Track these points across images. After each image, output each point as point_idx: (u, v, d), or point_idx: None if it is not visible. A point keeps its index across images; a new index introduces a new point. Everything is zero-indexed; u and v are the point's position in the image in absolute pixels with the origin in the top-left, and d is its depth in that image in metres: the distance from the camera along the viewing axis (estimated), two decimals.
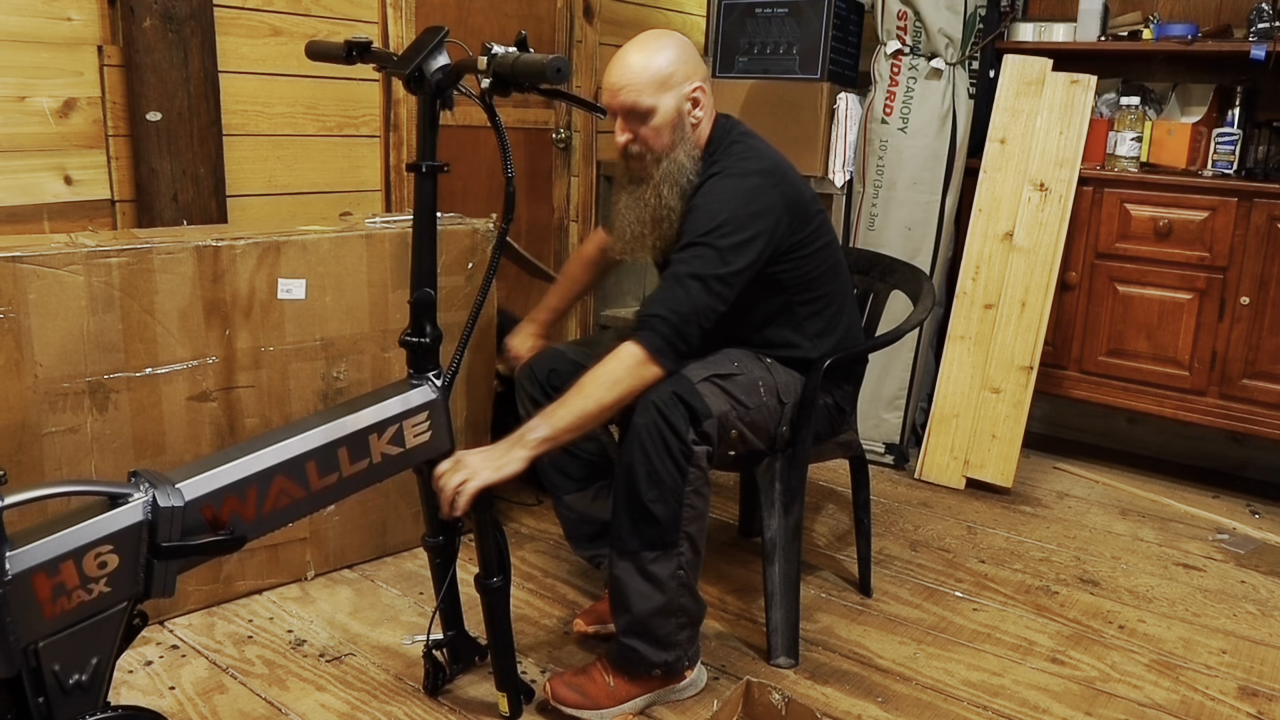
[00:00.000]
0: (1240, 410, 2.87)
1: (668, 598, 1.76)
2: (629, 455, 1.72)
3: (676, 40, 1.87)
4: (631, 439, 1.71)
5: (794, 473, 2.00)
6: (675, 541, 1.74)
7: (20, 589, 1.19)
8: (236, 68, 2.49)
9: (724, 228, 1.79)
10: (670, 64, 1.83)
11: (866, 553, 2.32)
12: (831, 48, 3.24)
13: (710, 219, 1.80)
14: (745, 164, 1.87)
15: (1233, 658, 2.12)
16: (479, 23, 3.17)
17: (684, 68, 1.85)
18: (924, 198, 3.10)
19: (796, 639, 2.03)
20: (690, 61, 1.86)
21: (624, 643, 1.80)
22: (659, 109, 1.82)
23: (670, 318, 1.74)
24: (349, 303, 2.21)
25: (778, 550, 2.00)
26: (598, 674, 1.82)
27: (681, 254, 1.81)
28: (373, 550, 2.39)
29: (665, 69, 1.82)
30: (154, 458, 1.99)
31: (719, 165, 1.88)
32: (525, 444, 1.66)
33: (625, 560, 1.75)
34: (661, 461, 1.70)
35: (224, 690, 1.85)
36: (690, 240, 1.81)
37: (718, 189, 1.84)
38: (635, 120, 1.84)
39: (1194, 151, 2.99)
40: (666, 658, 1.80)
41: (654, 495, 1.70)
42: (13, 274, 1.77)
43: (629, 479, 1.72)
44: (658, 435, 1.69)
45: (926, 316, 2.19)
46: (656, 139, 1.85)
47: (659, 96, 1.82)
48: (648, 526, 1.72)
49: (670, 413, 1.70)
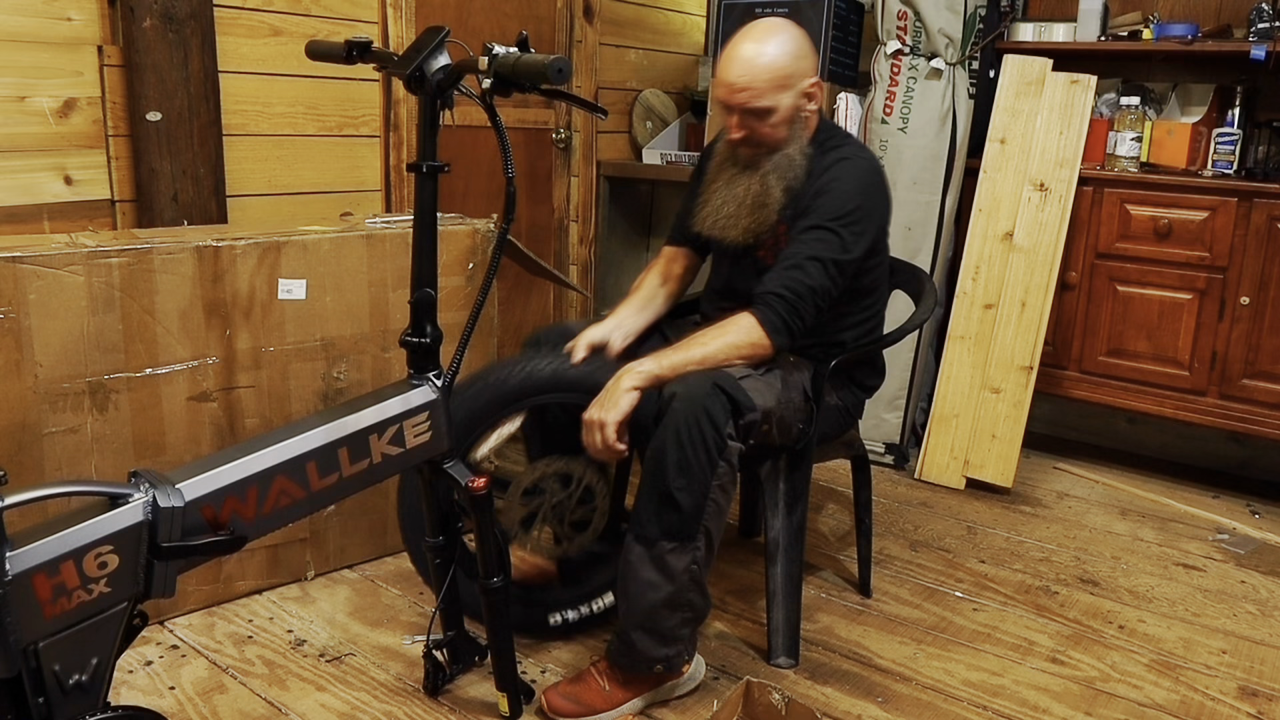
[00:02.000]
0: (1240, 410, 2.87)
1: (676, 590, 1.73)
2: (661, 441, 1.69)
3: (793, 33, 1.85)
4: (667, 425, 1.69)
5: (798, 473, 2.01)
6: (694, 534, 1.72)
7: (20, 589, 1.19)
8: (236, 68, 2.49)
9: (850, 215, 1.84)
10: (790, 61, 1.82)
11: (867, 553, 2.32)
12: (831, 48, 3.23)
13: (838, 205, 1.83)
14: (865, 161, 1.91)
15: (1233, 658, 2.12)
16: (479, 23, 3.17)
17: (802, 63, 1.84)
18: (924, 198, 3.10)
19: (797, 639, 2.03)
20: (807, 55, 1.86)
21: (626, 636, 1.77)
22: (778, 108, 1.83)
23: (789, 296, 1.80)
24: (349, 303, 2.21)
25: (780, 550, 2.00)
26: (593, 680, 1.81)
27: (805, 236, 1.84)
28: (373, 550, 2.39)
29: (785, 68, 1.81)
30: (154, 458, 1.98)
31: (840, 152, 1.90)
32: (634, 375, 1.75)
33: (641, 547, 1.73)
34: (694, 451, 1.68)
35: (224, 690, 1.85)
36: (816, 223, 1.83)
37: (845, 176, 1.87)
38: (753, 118, 1.84)
39: (1194, 151, 2.99)
40: (668, 653, 1.78)
41: (681, 484, 1.68)
42: (13, 274, 1.77)
43: (658, 465, 1.69)
44: (694, 424, 1.67)
45: (928, 317, 2.20)
46: (772, 135, 1.86)
47: (778, 96, 1.82)
48: (670, 514, 1.70)
49: (711, 404, 1.69)
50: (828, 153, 1.91)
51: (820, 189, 1.87)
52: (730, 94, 1.83)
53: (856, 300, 2.01)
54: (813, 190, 1.88)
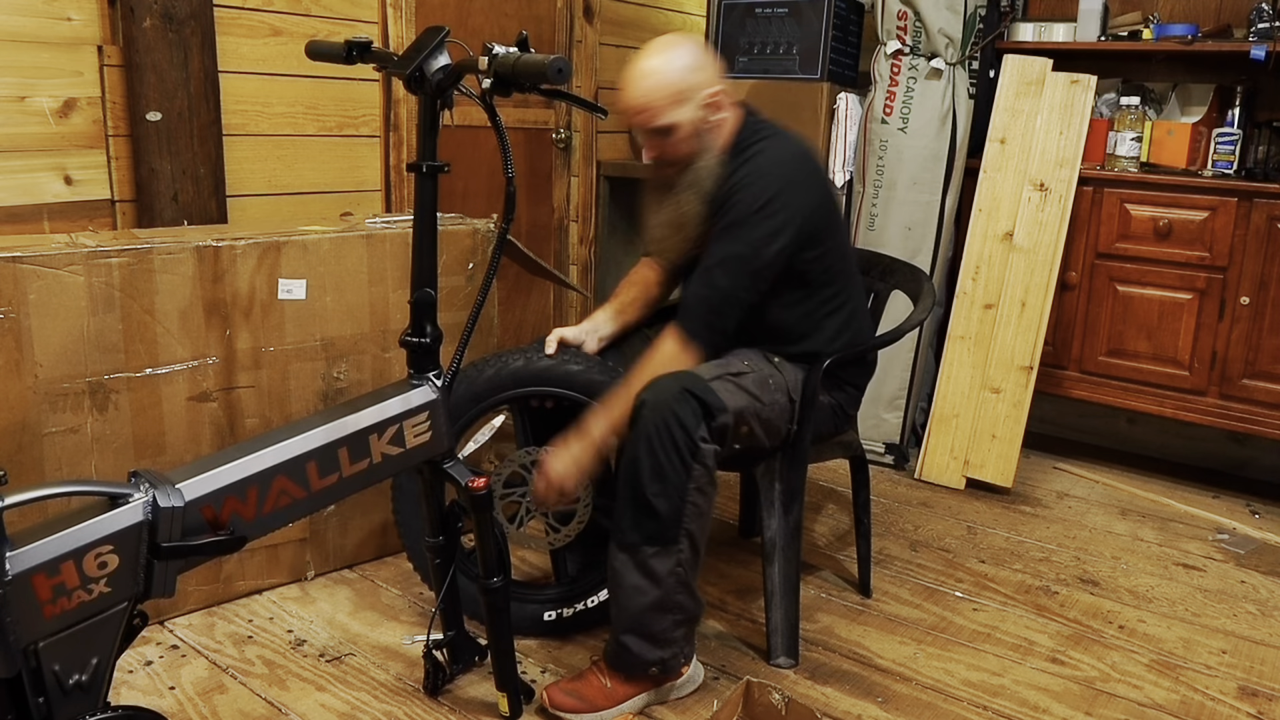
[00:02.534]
0: (1240, 410, 2.87)
1: (664, 593, 1.75)
2: (634, 449, 1.71)
3: (685, 48, 1.84)
4: (638, 432, 1.71)
5: (794, 472, 2.00)
6: (676, 538, 1.74)
7: (20, 589, 1.19)
8: (236, 68, 2.49)
9: (764, 209, 1.83)
10: (682, 76, 1.81)
11: (866, 553, 2.32)
12: (831, 48, 3.24)
13: (749, 202, 1.83)
14: (777, 153, 1.89)
15: (1233, 658, 2.12)
16: (479, 23, 3.17)
17: (697, 75, 1.83)
18: (924, 198, 3.10)
19: (797, 639, 2.03)
20: (702, 67, 1.85)
21: (620, 640, 1.79)
22: (679, 124, 1.83)
23: (704, 303, 1.82)
24: (349, 303, 2.21)
25: (777, 550, 2.00)
26: (594, 677, 1.82)
27: (718, 238, 1.85)
28: (373, 550, 2.39)
29: (678, 83, 1.81)
30: (154, 458, 1.99)
31: (755, 149, 1.89)
32: (590, 437, 1.80)
33: (624, 554, 1.75)
34: (667, 456, 1.69)
35: (224, 690, 1.85)
36: (728, 223, 1.84)
37: (756, 171, 1.86)
38: (658, 137, 1.85)
39: (1194, 151, 2.99)
40: (662, 655, 1.80)
41: (657, 490, 1.70)
42: (13, 274, 1.77)
43: (633, 472, 1.71)
44: (665, 430, 1.69)
45: (927, 316, 2.20)
46: (680, 150, 1.87)
47: (677, 112, 1.82)
48: (649, 521, 1.71)
49: (680, 408, 1.69)
50: (742, 152, 1.89)
51: (731, 188, 1.86)
52: (631, 117, 1.85)
53: (813, 294, 1.96)
54: (725, 190, 1.87)
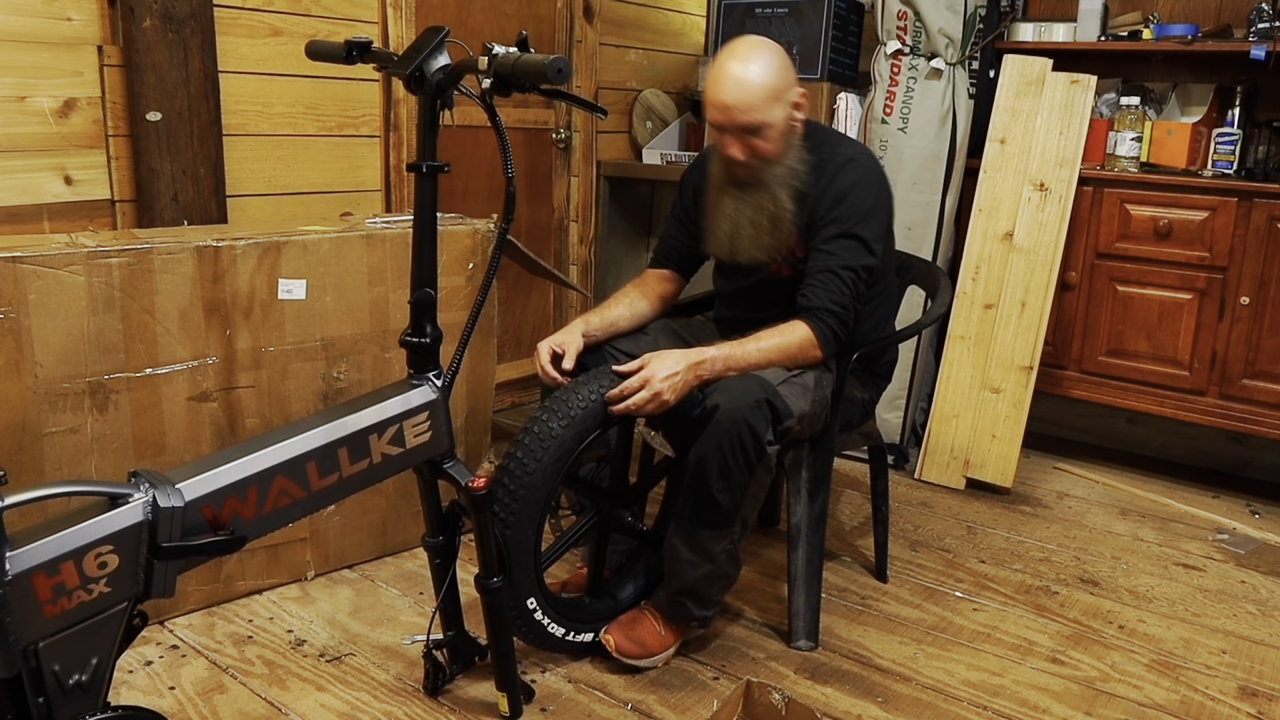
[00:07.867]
0: (1240, 410, 2.87)
1: (715, 567, 1.89)
2: (705, 447, 1.79)
3: (774, 49, 1.89)
4: (710, 435, 1.78)
5: (821, 461, 2.07)
6: (731, 523, 1.86)
7: (20, 589, 1.19)
8: (236, 68, 2.49)
9: (870, 217, 1.91)
10: (776, 76, 1.86)
11: (884, 539, 2.37)
12: (831, 48, 3.24)
13: (858, 209, 1.90)
14: (871, 160, 1.97)
15: (1233, 658, 2.12)
16: (479, 23, 3.17)
17: (787, 75, 1.89)
18: (924, 198, 3.10)
19: (817, 622, 2.09)
20: (789, 67, 1.90)
21: (675, 599, 1.94)
22: (773, 123, 1.87)
23: (838, 311, 1.90)
24: (349, 303, 2.21)
25: (802, 537, 2.07)
26: (649, 623, 1.96)
27: (833, 244, 1.90)
28: (373, 550, 2.39)
29: (775, 82, 1.86)
30: (154, 458, 1.99)
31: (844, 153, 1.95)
32: (700, 365, 1.82)
33: (683, 534, 1.87)
34: (735, 459, 1.78)
35: (224, 690, 1.85)
36: (842, 231, 1.89)
37: (860, 179, 1.92)
38: (750, 135, 1.88)
39: (1194, 151, 2.99)
40: (707, 614, 1.98)
41: (721, 486, 1.80)
42: (13, 274, 1.77)
43: (700, 468, 1.80)
44: (736, 437, 1.77)
45: (945, 310, 2.24)
46: (769, 149, 1.90)
47: (771, 111, 1.86)
48: (709, 511, 1.83)
49: (754, 417, 1.77)
50: (829, 155, 1.95)
51: (837, 195, 1.92)
52: (726, 114, 1.86)
53: (872, 301, 2.08)
54: (828, 195, 1.92)
